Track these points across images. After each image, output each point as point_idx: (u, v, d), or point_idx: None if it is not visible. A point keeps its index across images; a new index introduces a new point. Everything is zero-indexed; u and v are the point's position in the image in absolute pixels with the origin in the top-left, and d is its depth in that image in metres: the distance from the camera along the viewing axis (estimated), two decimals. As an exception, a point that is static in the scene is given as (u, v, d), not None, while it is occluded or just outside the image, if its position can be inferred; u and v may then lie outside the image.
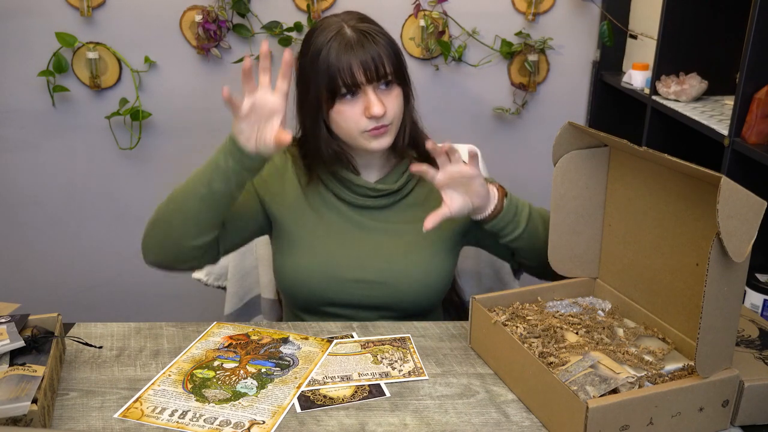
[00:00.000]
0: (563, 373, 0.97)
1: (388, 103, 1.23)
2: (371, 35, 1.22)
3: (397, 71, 1.24)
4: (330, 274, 1.30)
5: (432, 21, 2.12)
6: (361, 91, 1.21)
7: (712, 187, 0.86)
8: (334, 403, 1.02)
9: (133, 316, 2.39)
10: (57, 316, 1.11)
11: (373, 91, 1.21)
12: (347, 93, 1.21)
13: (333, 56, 1.20)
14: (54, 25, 2.07)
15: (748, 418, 0.97)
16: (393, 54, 1.23)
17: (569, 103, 2.28)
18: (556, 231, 1.20)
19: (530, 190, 2.34)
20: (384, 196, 1.32)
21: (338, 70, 1.19)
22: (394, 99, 1.24)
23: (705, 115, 1.64)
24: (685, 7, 1.76)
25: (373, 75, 1.20)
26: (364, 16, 1.28)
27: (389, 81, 1.23)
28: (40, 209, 2.30)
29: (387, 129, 1.24)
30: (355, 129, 1.23)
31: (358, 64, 1.19)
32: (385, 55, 1.21)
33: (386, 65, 1.21)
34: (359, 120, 1.22)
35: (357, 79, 1.20)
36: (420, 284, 1.31)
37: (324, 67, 1.21)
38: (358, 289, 1.30)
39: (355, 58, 1.19)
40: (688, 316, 1.04)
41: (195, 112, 2.21)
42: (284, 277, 1.34)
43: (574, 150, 1.15)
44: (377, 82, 1.21)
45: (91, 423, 0.96)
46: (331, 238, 1.31)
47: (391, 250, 1.31)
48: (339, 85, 1.20)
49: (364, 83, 1.20)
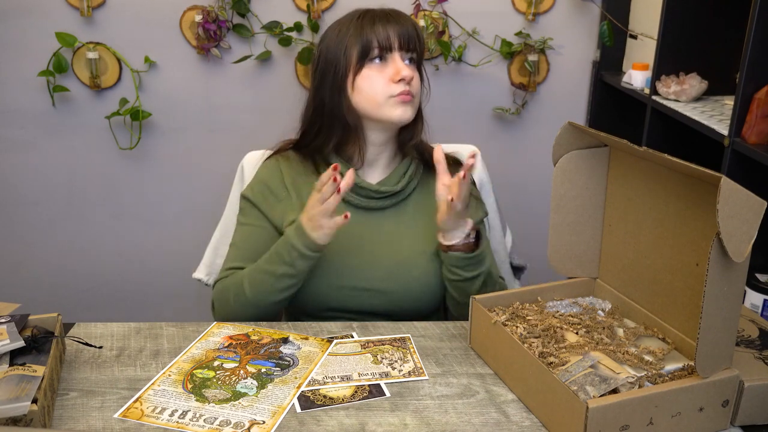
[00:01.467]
0: (563, 373, 0.97)
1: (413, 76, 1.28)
2: (401, 15, 1.28)
3: (421, 55, 1.30)
4: (330, 283, 1.30)
5: (432, 21, 2.12)
6: (391, 58, 1.26)
7: (712, 187, 0.86)
8: (334, 403, 1.02)
9: (133, 316, 2.39)
10: (57, 316, 1.11)
11: (401, 59, 1.26)
12: (378, 57, 1.25)
13: (367, 24, 1.25)
14: (54, 25, 2.07)
15: (748, 418, 0.97)
16: (420, 35, 1.29)
17: (569, 103, 2.28)
18: (556, 231, 1.20)
19: (530, 190, 2.35)
20: (386, 198, 1.33)
21: (374, 34, 1.24)
22: (416, 78, 1.28)
23: (705, 115, 1.64)
24: (685, 7, 1.76)
25: (406, 44, 1.25)
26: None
27: (414, 58, 1.28)
28: (40, 209, 2.30)
29: (411, 99, 1.26)
30: (382, 94, 1.26)
31: (394, 31, 1.25)
32: (414, 31, 1.27)
33: (415, 40, 1.27)
34: (387, 84, 1.26)
35: (391, 43, 1.25)
36: (419, 293, 1.31)
37: (357, 33, 1.25)
38: (358, 296, 1.31)
39: (390, 26, 1.25)
40: (688, 316, 1.04)
41: (195, 112, 2.21)
42: None
43: (574, 150, 1.15)
44: (406, 52, 1.26)
45: (91, 423, 0.96)
46: (331, 246, 1.31)
47: (390, 258, 1.31)
48: (373, 47, 1.24)
49: (396, 49, 1.25)
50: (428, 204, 1.35)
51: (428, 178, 1.37)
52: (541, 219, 1.62)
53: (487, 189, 1.59)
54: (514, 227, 1.80)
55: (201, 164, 2.26)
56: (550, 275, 1.24)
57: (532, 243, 1.90)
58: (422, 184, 1.37)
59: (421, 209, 1.35)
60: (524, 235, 1.99)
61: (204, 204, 2.27)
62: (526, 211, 2.28)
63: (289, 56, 2.16)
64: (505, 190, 2.12)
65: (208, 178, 2.27)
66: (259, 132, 2.05)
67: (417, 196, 1.36)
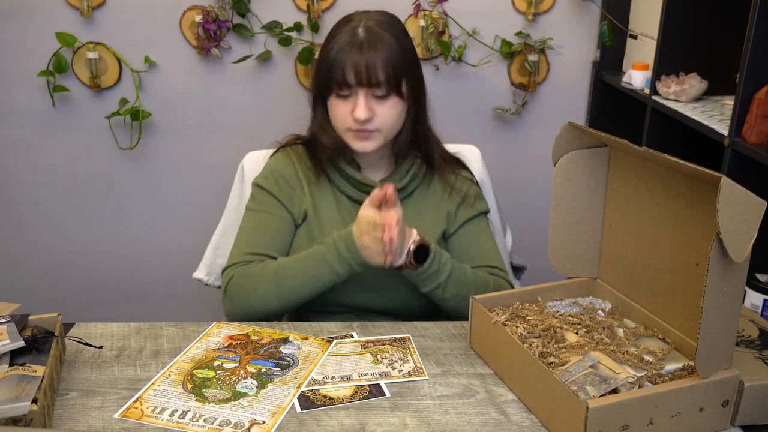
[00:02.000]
0: (563, 373, 0.97)
1: (381, 111, 1.24)
2: (378, 42, 1.21)
3: (395, 82, 1.23)
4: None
5: (432, 21, 2.12)
6: (354, 94, 1.23)
7: (712, 187, 0.86)
8: (334, 403, 1.02)
9: (133, 316, 2.39)
10: (57, 316, 1.11)
11: (364, 95, 1.23)
12: (340, 93, 1.23)
13: (335, 51, 1.22)
14: (54, 25, 2.07)
15: (748, 418, 0.97)
16: (395, 65, 1.22)
17: (569, 103, 2.28)
18: (556, 231, 1.20)
19: (530, 190, 2.35)
20: None
21: (335, 67, 1.21)
22: (387, 108, 1.25)
23: (705, 115, 1.64)
24: (685, 7, 1.76)
25: (364, 80, 1.21)
26: (390, 20, 1.29)
27: (383, 93, 1.23)
28: (40, 209, 2.30)
29: (371, 134, 1.26)
30: (342, 125, 1.27)
31: (352, 67, 1.21)
32: (382, 65, 1.21)
33: (380, 74, 1.21)
34: (346, 117, 1.25)
35: (348, 81, 1.21)
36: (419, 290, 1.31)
37: (327, 59, 1.23)
38: (359, 292, 1.31)
39: (351, 59, 1.21)
40: (688, 316, 1.04)
41: (195, 112, 2.21)
42: None
43: (574, 150, 1.15)
44: (368, 88, 1.22)
45: (91, 423, 0.96)
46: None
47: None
48: (333, 81, 1.22)
49: (355, 86, 1.22)
50: (430, 201, 1.35)
51: (431, 177, 1.38)
52: (541, 219, 1.62)
53: (487, 189, 1.59)
54: (514, 227, 1.80)
55: (201, 164, 2.26)
56: (550, 275, 1.24)
57: (532, 243, 1.90)
58: (425, 182, 1.38)
59: (422, 207, 1.36)
60: (524, 235, 1.99)
61: (204, 204, 2.27)
62: (526, 211, 2.28)
63: (289, 56, 2.16)
64: (505, 190, 2.12)
65: (208, 178, 2.27)
66: (259, 132, 2.05)
67: (419, 194, 1.37)
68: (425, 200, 1.36)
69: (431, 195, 1.37)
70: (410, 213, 1.34)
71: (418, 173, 1.37)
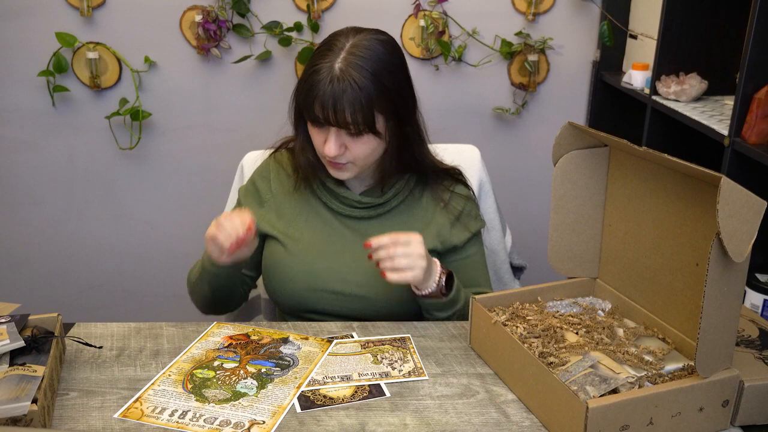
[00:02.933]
0: (563, 373, 0.97)
1: (353, 147, 1.21)
2: (348, 83, 1.16)
3: (366, 123, 1.19)
4: (310, 285, 1.31)
5: (432, 21, 2.12)
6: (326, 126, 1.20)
7: (712, 187, 0.86)
8: (334, 403, 1.02)
9: (133, 316, 2.39)
10: (57, 316, 1.11)
11: (335, 132, 1.20)
12: (313, 121, 1.22)
13: (309, 83, 1.19)
14: (54, 25, 2.07)
15: (748, 418, 0.97)
16: (366, 107, 1.17)
17: (569, 103, 2.28)
18: (556, 231, 1.20)
19: (530, 190, 2.35)
20: (369, 208, 1.32)
21: (308, 99, 1.19)
22: (360, 145, 1.21)
23: (705, 115, 1.64)
24: (685, 7, 1.76)
25: (332, 120, 1.18)
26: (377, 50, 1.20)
27: (354, 130, 1.19)
28: (40, 209, 2.30)
29: (345, 166, 1.24)
30: (318, 150, 1.26)
31: (321, 105, 1.17)
32: (349, 106, 1.16)
33: (347, 116, 1.17)
34: (320, 146, 1.23)
35: (318, 117, 1.19)
36: (398, 300, 1.30)
37: (304, 86, 1.20)
38: (337, 300, 1.30)
39: (321, 96, 1.17)
40: (688, 316, 1.04)
41: (195, 112, 2.21)
42: (267, 282, 1.37)
43: (574, 150, 1.15)
44: (337, 127, 1.19)
45: (91, 423, 0.96)
46: (313, 249, 1.32)
47: (371, 264, 1.29)
48: (307, 111, 1.21)
49: (324, 123, 1.20)
50: (418, 217, 1.33)
51: (421, 191, 1.35)
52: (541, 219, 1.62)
53: (486, 189, 1.59)
54: (514, 227, 1.80)
55: (201, 164, 2.26)
56: (550, 275, 1.24)
57: (532, 243, 1.91)
58: (413, 196, 1.35)
59: (409, 221, 1.33)
60: (524, 235, 1.99)
61: (204, 204, 2.27)
62: (526, 211, 2.28)
63: (289, 56, 2.16)
64: (505, 190, 2.12)
65: (208, 178, 2.28)
66: (259, 132, 2.05)
67: (406, 207, 1.34)
68: (412, 214, 1.33)
69: (421, 210, 1.34)
70: (396, 227, 1.30)
71: (403, 188, 1.34)
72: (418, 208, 1.34)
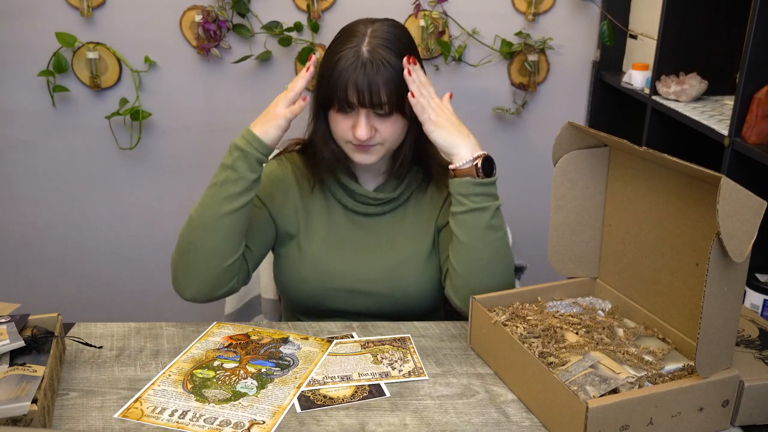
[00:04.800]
0: (563, 373, 0.97)
1: (382, 128, 1.23)
2: (380, 63, 1.20)
3: (397, 102, 1.22)
4: (327, 284, 1.31)
5: (432, 21, 2.12)
6: (356, 113, 1.22)
7: (712, 187, 0.86)
8: (334, 403, 1.02)
9: (133, 316, 2.39)
10: (57, 316, 1.11)
11: (366, 115, 1.22)
12: (341, 108, 1.22)
13: (338, 70, 1.20)
14: (54, 25, 2.07)
15: (748, 418, 0.97)
16: (398, 85, 1.21)
17: (569, 103, 2.28)
18: (556, 231, 1.20)
19: (530, 190, 2.35)
20: (383, 204, 1.33)
21: (338, 86, 1.20)
22: (389, 125, 1.24)
23: (705, 115, 1.64)
24: (685, 7, 1.76)
25: (366, 101, 1.20)
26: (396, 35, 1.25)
27: (385, 110, 1.22)
28: (40, 209, 2.30)
29: (372, 149, 1.25)
30: (342, 138, 1.26)
31: (355, 87, 1.19)
32: (385, 86, 1.20)
33: (383, 96, 1.20)
34: (346, 132, 1.24)
35: (350, 100, 1.20)
36: (414, 296, 1.32)
37: (329, 76, 1.22)
38: (353, 298, 1.31)
39: (354, 79, 1.19)
40: (688, 316, 1.04)
41: (195, 112, 2.21)
42: (282, 283, 1.36)
43: (574, 150, 1.15)
44: (371, 108, 1.21)
45: (91, 423, 0.96)
46: (329, 248, 1.32)
47: (386, 261, 1.32)
48: (335, 98, 1.21)
49: (357, 106, 1.21)
50: (426, 209, 1.35)
51: (427, 184, 1.37)
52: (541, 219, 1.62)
53: (487, 189, 1.59)
54: (514, 227, 1.79)
55: (201, 164, 2.26)
56: (550, 275, 1.24)
57: (532, 243, 1.90)
58: (420, 189, 1.37)
59: (418, 214, 1.35)
60: (524, 235, 1.99)
61: (204, 204, 2.26)
62: (526, 211, 2.28)
63: (289, 56, 2.16)
64: (505, 190, 2.11)
65: (208, 178, 2.26)
66: (259, 132, 2.04)
67: (415, 201, 1.36)
68: (421, 207, 1.36)
69: (427, 202, 1.36)
70: (407, 219, 1.34)
71: (413, 182, 1.36)
72: (426, 201, 1.36)
